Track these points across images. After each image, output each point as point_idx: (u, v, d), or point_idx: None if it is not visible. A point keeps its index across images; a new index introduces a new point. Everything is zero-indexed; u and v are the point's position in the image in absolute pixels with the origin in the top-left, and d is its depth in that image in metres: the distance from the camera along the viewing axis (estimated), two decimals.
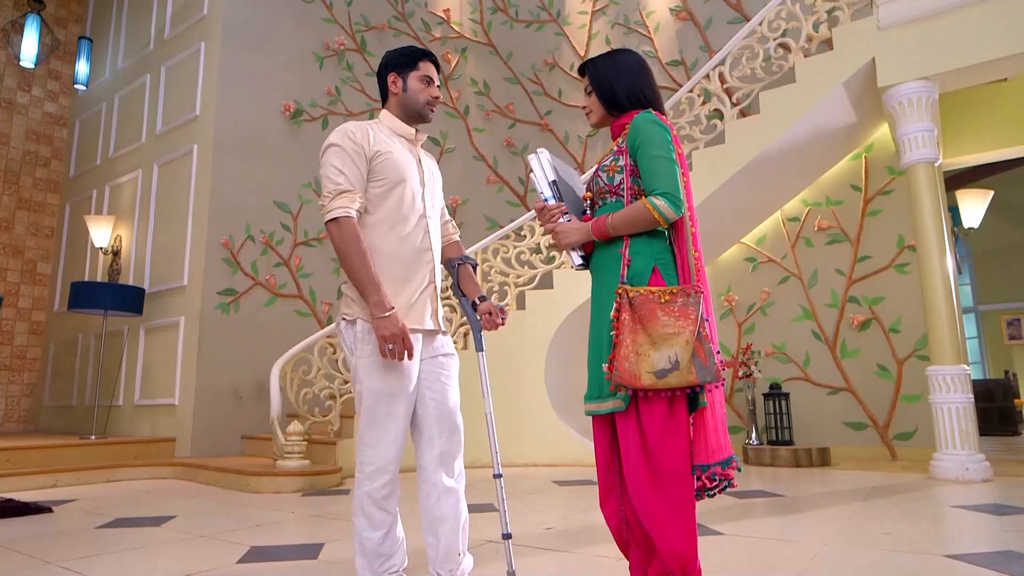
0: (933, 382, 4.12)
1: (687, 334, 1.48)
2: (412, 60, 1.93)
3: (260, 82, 6.20)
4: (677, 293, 1.53)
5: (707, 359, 1.50)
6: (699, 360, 1.48)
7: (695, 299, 1.53)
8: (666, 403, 1.51)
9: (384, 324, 1.67)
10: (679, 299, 1.52)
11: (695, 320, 1.50)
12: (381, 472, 1.72)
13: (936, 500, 3.37)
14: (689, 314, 1.50)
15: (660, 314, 1.50)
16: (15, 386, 7.23)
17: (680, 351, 1.47)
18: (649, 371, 1.46)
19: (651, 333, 1.49)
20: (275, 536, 2.77)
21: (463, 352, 5.36)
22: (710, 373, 1.50)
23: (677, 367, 1.47)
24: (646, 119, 1.64)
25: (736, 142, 5.01)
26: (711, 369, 1.50)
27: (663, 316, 1.50)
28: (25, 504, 3.48)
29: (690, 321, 1.50)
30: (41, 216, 7.62)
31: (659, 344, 1.48)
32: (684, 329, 1.49)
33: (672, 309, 1.50)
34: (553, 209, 1.74)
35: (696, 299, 1.53)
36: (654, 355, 1.47)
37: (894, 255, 5.43)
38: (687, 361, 1.47)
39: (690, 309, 1.51)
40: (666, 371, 1.46)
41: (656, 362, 1.47)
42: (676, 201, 1.57)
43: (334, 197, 1.75)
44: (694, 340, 1.49)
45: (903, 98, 4.36)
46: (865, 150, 5.66)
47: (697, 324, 1.51)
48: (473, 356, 5.25)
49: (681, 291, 1.53)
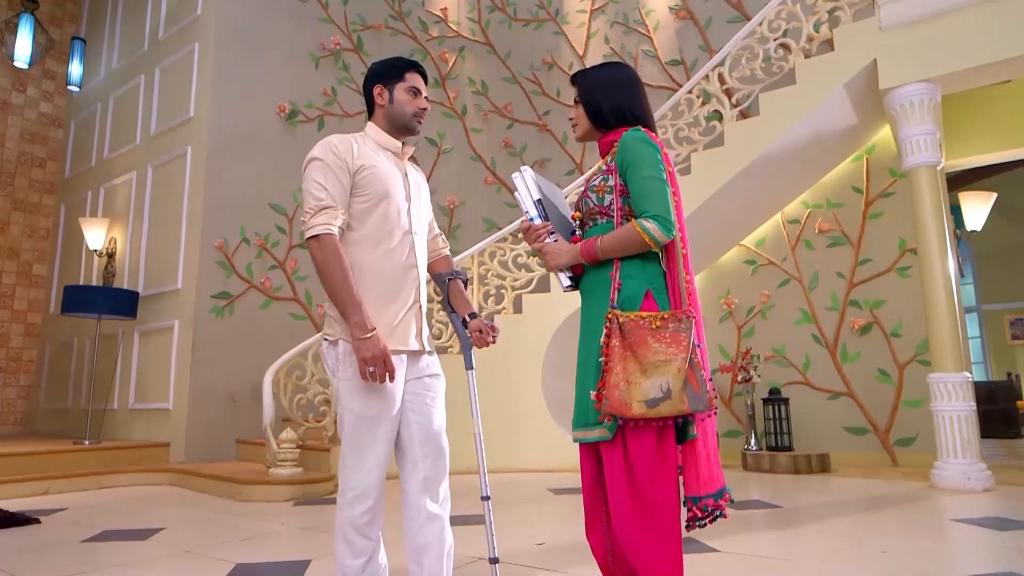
0: (934, 390, 4.06)
1: (679, 361, 1.43)
2: (398, 71, 1.87)
3: (255, 83, 6.13)
4: (668, 319, 1.47)
5: (699, 387, 1.44)
6: (691, 388, 1.43)
7: (687, 324, 1.47)
8: (655, 433, 1.46)
9: (365, 346, 1.61)
10: (670, 325, 1.46)
11: (687, 347, 1.45)
12: (363, 498, 1.67)
13: (936, 512, 3.32)
14: (681, 340, 1.45)
15: (651, 341, 1.44)
16: (11, 388, 7.20)
17: (672, 379, 1.42)
18: (640, 400, 1.41)
19: (642, 360, 1.43)
20: (262, 551, 2.73)
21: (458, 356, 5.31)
22: (703, 402, 1.44)
23: (669, 396, 1.41)
24: (635, 138, 1.58)
25: (735, 144, 4.94)
26: (704, 398, 1.44)
27: (654, 343, 1.44)
28: (12, 515, 3.43)
29: (682, 348, 1.44)
30: (37, 217, 7.57)
31: (650, 372, 1.42)
32: (676, 356, 1.43)
33: (663, 336, 1.45)
34: (539, 229, 1.68)
35: (688, 324, 1.47)
36: (645, 383, 1.42)
37: (895, 258, 5.36)
38: (679, 390, 1.42)
39: (682, 335, 1.45)
40: (657, 400, 1.41)
41: (647, 391, 1.41)
42: (667, 224, 1.51)
43: (315, 213, 1.69)
44: (686, 367, 1.43)
45: (905, 100, 4.29)
46: (866, 152, 5.59)
47: (689, 351, 1.45)
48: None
49: (672, 316, 1.47)
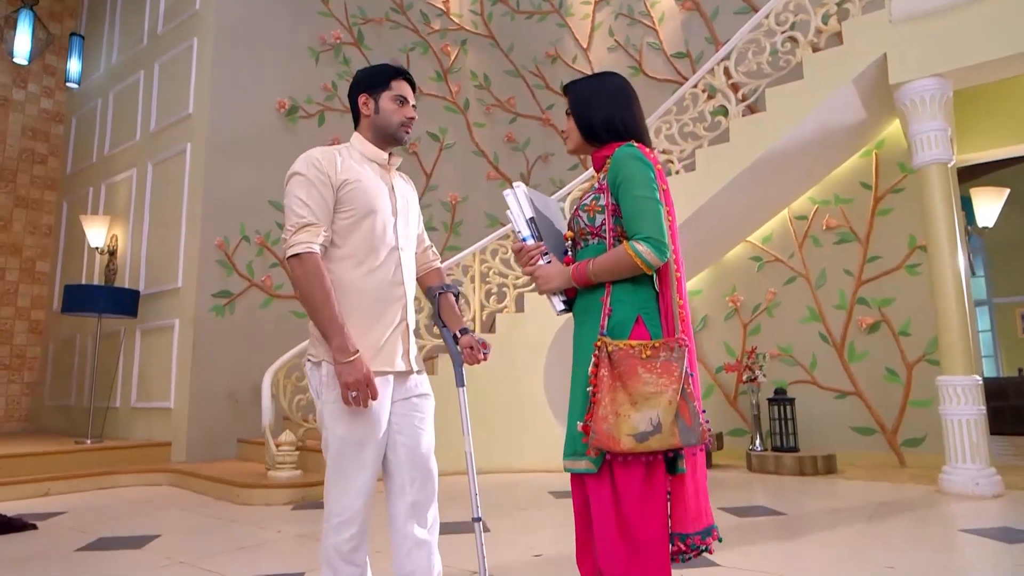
0: (943, 393, 3.98)
1: (670, 393, 1.36)
2: (384, 79, 1.80)
3: (254, 79, 6.07)
4: (660, 347, 1.40)
5: (691, 419, 1.37)
6: (683, 421, 1.36)
7: (679, 354, 1.40)
8: (643, 466, 1.39)
9: (347, 370, 1.56)
10: (662, 354, 1.39)
11: (679, 377, 1.38)
12: (348, 524, 1.63)
13: (944, 520, 3.25)
14: (672, 371, 1.38)
15: (641, 371, 1.37)
16: (15, 385, 7.22)
17: (662, 412, 1.35)
18: (629, 434, 1.34)
19: (631, 391, 1.37)
20: (255, 562, 2.69)
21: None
22: (694, 435, 1.37)
23: (659, 430, 1.34)
24: (627, 155, 1.50)
25: (741, 141, 4.84)
26: (695, 431, 1.37)
27: (644, 373, 1.37)
28: (9, 521, 3.42)
29: (674, 379, 1.37)
30: (39, 214, 7.55)
31: (640, 404, 1.36)
32: (667, 388, 1.36)
33: (654, 365, 1.38)
34: (532, 250, 1.60)
35: (680, 354, 1.40)
36: (634, 416, 1.35)
37: (905, 255, 5.26)
38: (670, 423, 1.35)
39: (673, 365, 1.38)
40: (647, 434, 1.34)
41: (637, 424, 1.35)
42: (660, 246, 1.43)
43: (296, 231, 1.64)
44: (677, 399, 1.36)
45: (915, 96, 4.18)
46: (876, 146, 5.47)
47: (681, 381, 1.38)
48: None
49: (664, 345, 1.41)
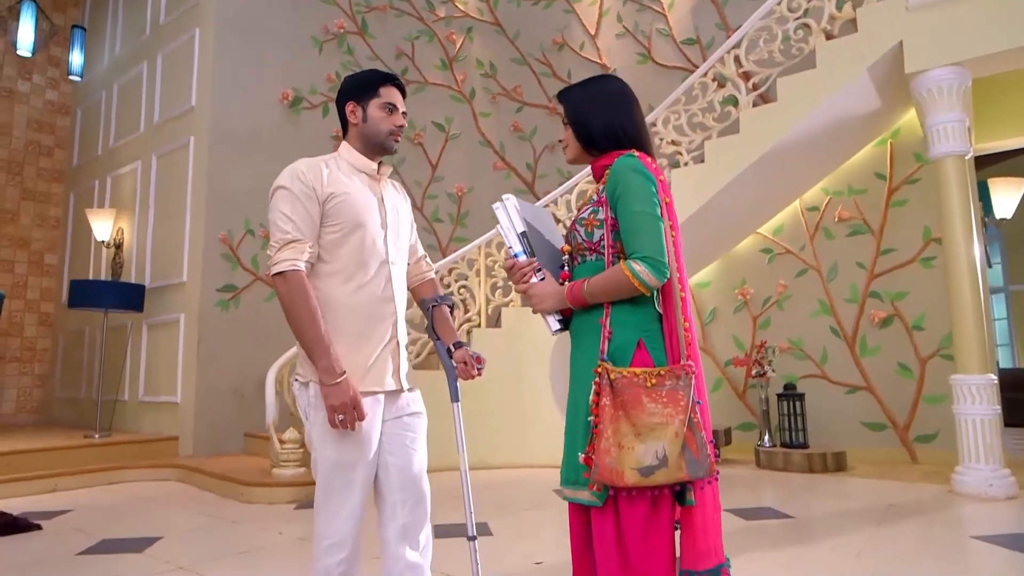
0: (957, 392, 3.89)
1: (676, 424, 1.29)
2: (372, 86, 1.74)
3: (256, 70, 5.99)
4: (665, 375, 1.32)
5: (699, 451, 1.30)
6: (690, 453, 1.29)
7: (686, 381, 1.32)
8: (649, 501, 1.32)
9: (333, 392, 1.51)
10: (667, 382, 1.31)
11: (686, 407, 1.30)
12: (339, 547, 1.59)
13: (956, 525, 3.18)
14: (679, 400, 1.30)
15: (646, 400, 1.30)
16: (26, 377, 7.27)
17: (668, 445, 1.28)
18: (633, 467, 1.27)
19: (635, 422, 1.29)
20: (255, 569, 2.68)
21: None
22: (703, 467, 1.30)
23: (665, 463, 1.27)
24: (626, 166, 1.42)
25: (751, 132, 4.72)
26: (704, 463, 1.30)
27: (649, 403, 1.29)
28: (15, 521, 3.43)
29: (680, 409, 1.30)
30: (46, 207, 7.56)
31: (644, 435, 1.28)
32: (673, 418, 1.29)
33: (659, 394, 1.30)
34: (524, 267, 1.50)
35: (687, 381, 1.33)
36: (639, 448, 1.28)
37: (919, 248, 5.14)
38: (676, 456, 1.27)
39: (680, 394, 1.31)
40: (652, 468, 1.27)
41: (641, 457, 1.27)
42: (658, 266, 1.35)
43: (281, 248, 1.58)
44: (684, 430, 1.29)
45: (932, 85, 4.04)
46: (891, 135, 5.33)
47: (688, 411, 1.30)
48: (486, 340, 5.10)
49: (670, 372, 1.33)
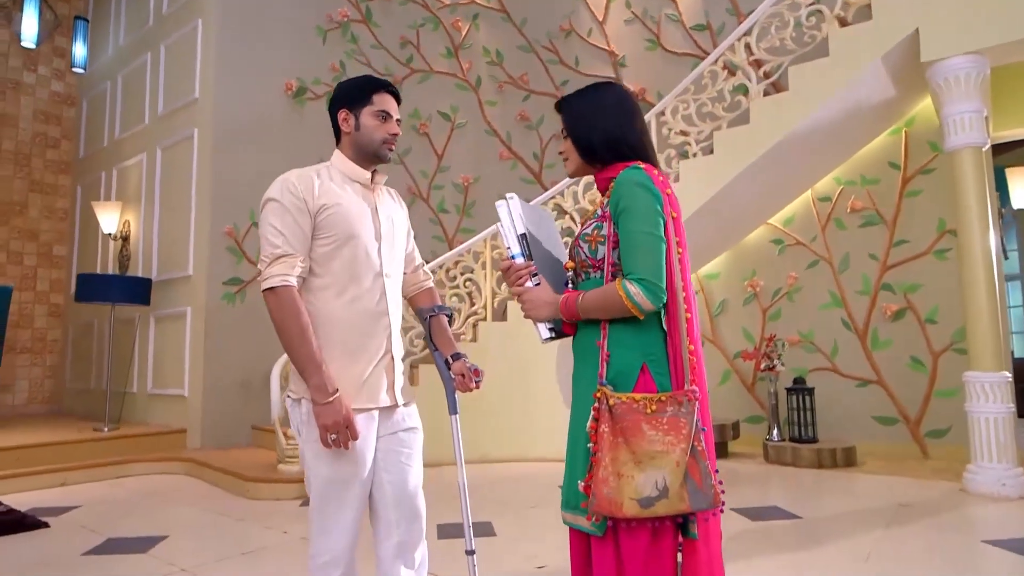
0: (970, 389, 3.82)
1: (678, 453, 1.23)
2: (365, 93, 1.69)
3: (260, 60, 5.93)
4: (667, 401, 1.27)
5: (702, 481, 1.24)
6: (692, 483, 1.24)
7: (688, 408, 1.27)
8: (650, 532, 1.28)
9: (325, 412, 1.48)
10: (669, 408, 1.26)
11: (688, 435, 1.25)
12: (333, 565, 1.57)
13: (967, 528, 3.13)
14: (681, 428, 1.25)
15: (646, 428, 1.24)
16: (37, 368, 7.33)
17: (669, 475, 1.22)
18: (632, 498, 1.22)
19: (635, 450, 1.24)
20: (256, 571, 2.68)
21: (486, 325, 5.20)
22: (706, 499, 1.24)
23: (666, 495, 1.22)
24: (630, 181, 1.35)
25: (762, 122, 4.62)
26: (707, 494, 1.24)
27: (649, 430, 1.24)
28: (22, 518, 3.46)
29: (682, 437, 1.24)
30: (54, 198, 7.57)
31: (644, 464, 1.23)
32: (674, 447, 1.24)
33: (660, 421, 1.25)
34: (520, 269, 1.44)
35: (690, 408, 1.27)
36: (639, 477, 1.23)
37: (933, 240, 5.03)
38: (678, 486, 1.22)
39: (682, 421, 1.25)
40: (652, 499, 1.22)
41: (641, 487, 1.22)
42: (654, 289, 1.29)
43: (271, 263, 1.55)
44: (686, 459, 1.24)
45: (949, 75, 3.93)
46: (906, 124, 5.21)
47: (691, 439, 1.25)
48: (481, 345, 5.08)
49: (672, 398, 1.27)
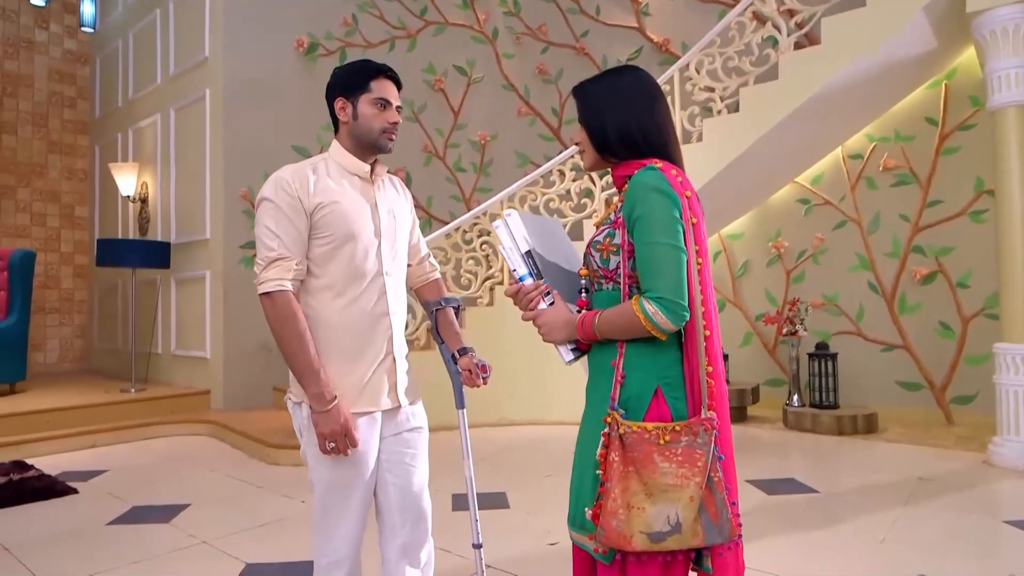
0: (1000, 361, 3.69)
1: (692, 487, 1.14)
2: (362, 80, 1.59)
3: (269, 16, 5.77)
4: (681, 431, 1.17)
5: (719, 515, 1.16)
6: (707, 517, 1.15)
7: (705, 439, 1.17)
8: (660, 564, 1.20)
9: (323, 420, 1.45)
10: (683, 439, 1.16)
11: (704, 467, 1.16)
12: (337, 567, 1.57)
13: (989, 506, 3.08)
14: (696, 459, 1.16)
15: (658, 459, 1.15)
16: (67, 328, 7.50)
17: (682, 509, 1.14)
18: (643, 531, 1.14)
19: (647, 481, 1.15)
20: (276, 545, 2.73)
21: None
22: (722, 533, 1.16)
23: (678, 529, 1.14)
24: (646, 184, 1.21)
25: (791, 78, 4.38)
26: (723, 528, 1.16)
27: (662, 462, 1.15)
28: (53, 483, 3.57)
29: (697, 469, 1.15)
30: (73, 159, 7.58)
31: (656, 498, 1.15)
32: (689, 480, 1.15)
33: (674, 453, 1.16)
34: (531, 291, 1.31)
35: (707, 438, 1.17)
36: (650, 510, 1.14)
37: (969, 200, 4.81)
38: (691, 521, 1.14)
39: (698, 452, 1.16)
40: (664, 534, 1.14)
41: (652, 520, 1.14)
42: (675, 308, 1.17)
43: (266, 266, 1.49)
44: (701, 492, 1.15)
45: (996, 26, 3.66)
46: (946, 76, 4.92)
47: (707, 472, 1.16)
48: (498, 309, 5.05)
49: (687, 428, 1.17)
